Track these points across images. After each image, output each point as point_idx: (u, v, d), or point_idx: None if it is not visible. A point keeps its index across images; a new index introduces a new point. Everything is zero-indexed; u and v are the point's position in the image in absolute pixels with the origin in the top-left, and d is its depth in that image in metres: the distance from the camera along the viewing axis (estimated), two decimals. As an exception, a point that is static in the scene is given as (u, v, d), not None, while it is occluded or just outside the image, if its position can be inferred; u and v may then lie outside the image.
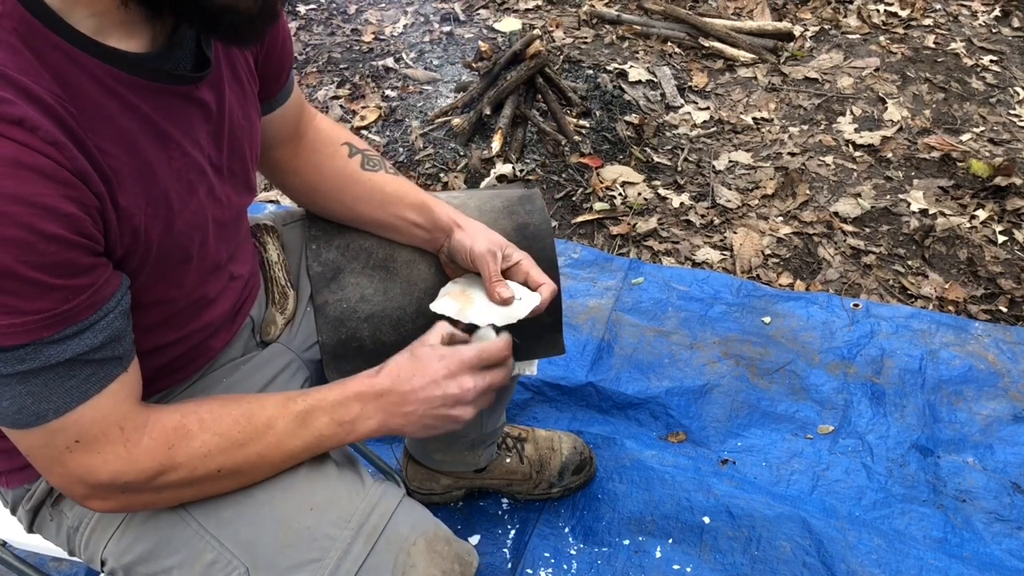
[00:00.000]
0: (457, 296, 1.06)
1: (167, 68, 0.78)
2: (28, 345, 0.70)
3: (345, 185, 1.12)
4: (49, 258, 0.68)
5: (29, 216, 0.65)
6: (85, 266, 0.72)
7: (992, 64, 3.08)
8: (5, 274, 0.66)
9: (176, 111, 0.81)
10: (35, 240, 0.66)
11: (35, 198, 0.66)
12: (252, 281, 1.08)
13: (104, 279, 0.74)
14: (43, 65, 0.68)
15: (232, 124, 0.90)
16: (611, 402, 1.82)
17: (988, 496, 1.62)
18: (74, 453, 0.77)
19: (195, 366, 1.01)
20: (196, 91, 0.82)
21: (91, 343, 0.74)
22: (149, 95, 0.77)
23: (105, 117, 0.73)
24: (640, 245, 2.33)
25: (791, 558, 1.51)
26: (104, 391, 0.77)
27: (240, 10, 0.71)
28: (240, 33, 0.75)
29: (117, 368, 0.78)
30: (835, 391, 1.84)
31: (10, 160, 0.64)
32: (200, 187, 0.86)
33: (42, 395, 0.73)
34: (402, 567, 0.86)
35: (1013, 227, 2.33)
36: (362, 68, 3.17)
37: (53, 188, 0.67)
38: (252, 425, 0.86)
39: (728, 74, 3.10)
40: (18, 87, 0.66)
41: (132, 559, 0.91)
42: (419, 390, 0.91)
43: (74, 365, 0.74)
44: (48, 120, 0.67)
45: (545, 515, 1.60)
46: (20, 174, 0.65)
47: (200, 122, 0.85)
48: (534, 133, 2.72)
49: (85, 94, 0.71)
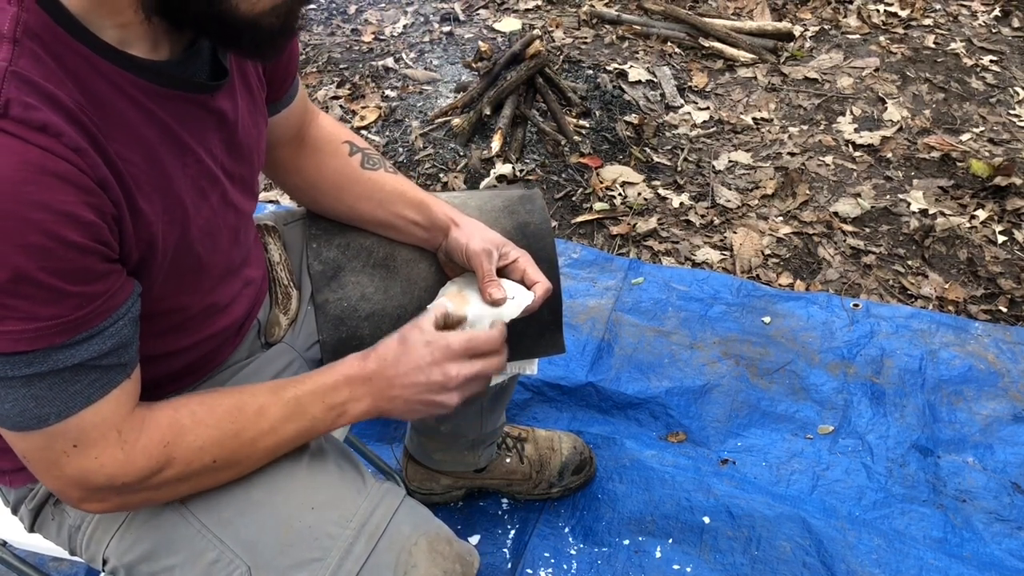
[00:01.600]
0: (453, 296, 1.07)
1: (185, 76, 0.79)
2: (39, 350, 0.70)
3: (345, 183, 1.12)
4: (67, 264, 0.68)
5: (51, 223, 0.65)
6: (100, 273, 0.72)
7: (992, 64, 3.08)
8: (23, 279, 0.66)
9: (192, 119, 0.81)
10: (55, 247, 0.66)
11: (58, 205, 0.66)
12: (263, 285, 1.09)
13: (118, 286, 0.74)
14: (65, 72, 0.69)
15: (243, 132, 0.90)
16: (611, 402, 1.82)
17: (988, 496, 1.62)
18: (71, 457, 0.77)
19: (206, 371, 1.01)
20: (212, 100, 0.83)
21: (99, 349, 0.74)
22: (167, 102, 0.77)
23: (125, 124, 0.73)
24: (640, 245, 2.33)
25: (791, 558, 1.51)
26: (106, 396, 0.77)
27: (263, 26, 0.72)
28: (261, 48, 0.76)
29: (121, 375, 0.78)
30: (835, 391, 1.84)
31: (35, 166, 0.64)
32: (213, 194, 0.87)
33: (46, 399, 0.73)
34: (404, 567, 0.86)
35: (1013, 227, 2.33)
36: (362, 68, 3.17)
37: (75, 195, 0.67)
38: (244, 414, 0.86)
39: (728, 74, 3.10)
40: (42, 93, 0.66)
41: (133, 558, 0.91)
42: (404, 376, 0.91)
43: (80, 370, 0.74)
44: (71, 126, 0.67)
45: (545, 515, 1.60)
46: (44, 180, 0.65)
47: (214, 130, 0.85)
48: (534, 133, 2.72)
49: (106, 101, 0.71)
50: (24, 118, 0.64)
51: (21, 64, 0.66)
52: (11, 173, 0.63)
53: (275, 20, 0.72)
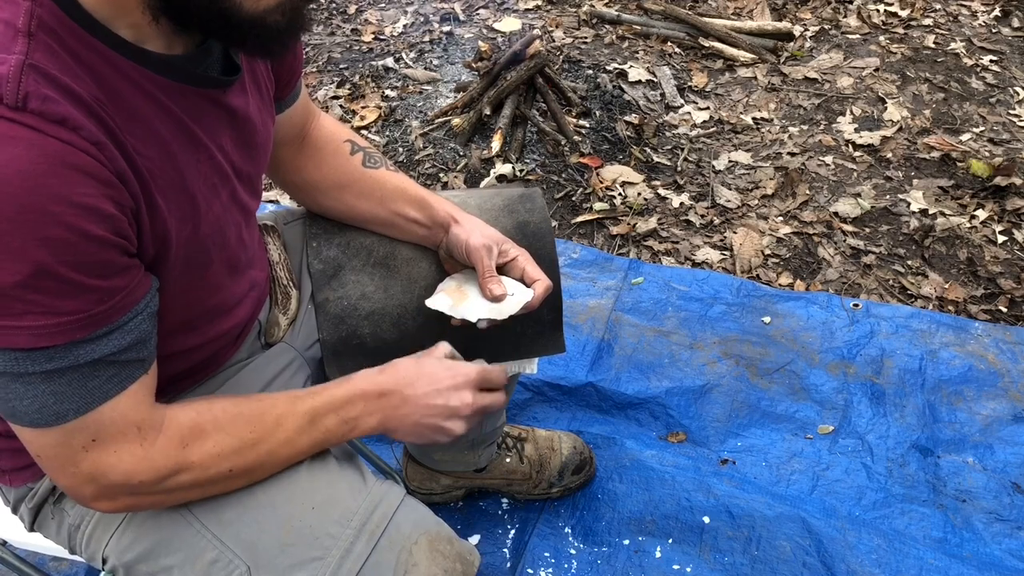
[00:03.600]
0: (452, 292, 1.07)
1: (199, 71, 0.79)
2: (59, 345, 0.70)
3: (346, 182, 1.13)
4: (88, 258, 0.68)
5: (73, 216, 0.65)
6: (120, 267, 0.72)
7: (992, 64, 3.08)
8: (45, 274, 0.66)
9: (205, 114, 0.81)
10: (77, 240, 0.66)
11: (78, 198, 0.65)
12: (266, 287, 1.09)
13: (137, 280, 0.74)
14: (80, 66, 0.69)
15: (252, 129, 0.90)
16: (611, 402, 1.82)
17: (988, 496, 1.62)
18: (89, 452, 0.77)
19: (208, 371, 1.01)
20: (224, 96, 0.83)
21: (119, 344, 0.74)
22: (181, 98, 0.77)
23: (141, 119, 0.73)
24: (640, 245, 2.33)
25: (791, 558, 1.51)
26: (125, 392, 0.77)
27: (268, 24, 0.72)
28: (268, 47, 0.76)
29: (139, 370, 0.78)
30: (835, 391, 1.84)
31: (56, 159, 0.64)
32: (223, 191, 0.87)
33: (65, 395, 0.73)
34: (404, 566, 0.86)
35: (1013, 227, 2.33)
36: (362, 68, 3.17)
37: (95, 188, 0.67)
38: (263, 424, 0.86)
39: (728, 74, 3.10)
40: (60, 86, 0.66)
41: (133, 557, 0.91)
42: (422, 396, 0.92)
43: (99, 365, 0.74)
44: (89, 120, 0.67)
45: (545, 515, 1.60)
46: (65, 173, 0.65)
47: (225, 127, 0.85)
48: (534, 133, 2.72)
49: (122, 95, 0.72)
50: (43, 111, 0.64)
51: (37, 57, 0.65)
52: (31, 166, 0.63)
53: (280, 17, 0.72)
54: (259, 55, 0.85)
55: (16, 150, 0.63)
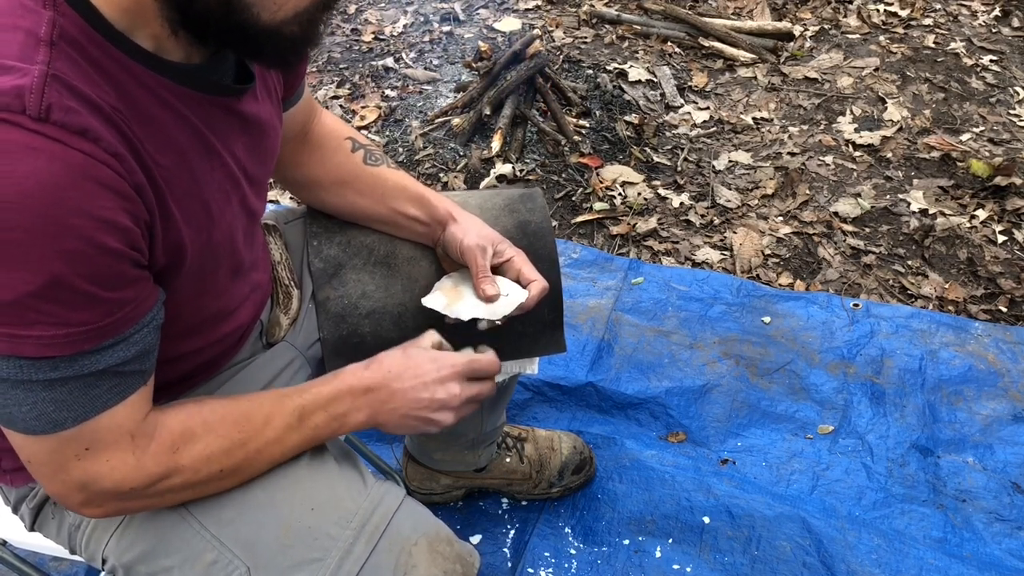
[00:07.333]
0: (448, 291, 1.07)
1: (214, 79, 0.79)
2: (66, 356, 0.70)
3: (347, 179, 1.13)
4: (103, 270, 0.68)
5: (91, 229, 0.65)
6: (131, 278, 0.72)
7: (992, 64, 3.08)
8: (59, 285, 0.66)
9: (218, 122, 0.81)
10: (93, 253, 0.66)
11: (97, 211, 0.66)
12: (268, 289, 1.09)
13: (146, 293, 0.75)
14: (101, 76, 0.69)
15: (263, 134, 0.91)
16: (611, 402, 1.82)
17: (988, 496, 1.62)
18: (82, 460, 0.76)
19: (210, 373, 1.01)
20: (237, 103, 0.83)
21: (124, 356, 0.74)
22: (197, 106, 0.77)
23: (159, 128, 0.73)
24: (640, 245, 2.33)
25: (791, 558, 1.51)
26: (124, 402, 0.77)
27: (285, 35, 0.72)
28: (285, 57, 0.76)
29: (139, 381, 0.78)
30: (835, 391, 1.84)
31: (77, 171, 0.64)
32: (234, 197, 0.87)
33: (65, 403, 0.73)
34: (404, 567, 0.86)
35: (1013, 227, 2.33)
36: (362, 68, 3.17)
37: (114, 201, 0.67)
38: (252, 424, 0.86)
39: (728, 74, 3.10)
40: (81, 97, 0.66)
41: (132, 558, 0.91)
42: (408, 390, 0.92)
43: (102, 376, 0.74)
44: (109, 131, 0.67)
45: (545, 515, 1.60)
46: (85, 186, 0.65)
47: (238, 133, 0.85)
48: (534, 133, 2.71)
49: (140, 105, 0.72)
50: (65, 122, 0.64)
51: (58, 67, 0.65)
52: (53, 179, 0.63)
53: (297, 28, 0.72)
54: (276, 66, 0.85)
55: (39, 162, 0.63)
